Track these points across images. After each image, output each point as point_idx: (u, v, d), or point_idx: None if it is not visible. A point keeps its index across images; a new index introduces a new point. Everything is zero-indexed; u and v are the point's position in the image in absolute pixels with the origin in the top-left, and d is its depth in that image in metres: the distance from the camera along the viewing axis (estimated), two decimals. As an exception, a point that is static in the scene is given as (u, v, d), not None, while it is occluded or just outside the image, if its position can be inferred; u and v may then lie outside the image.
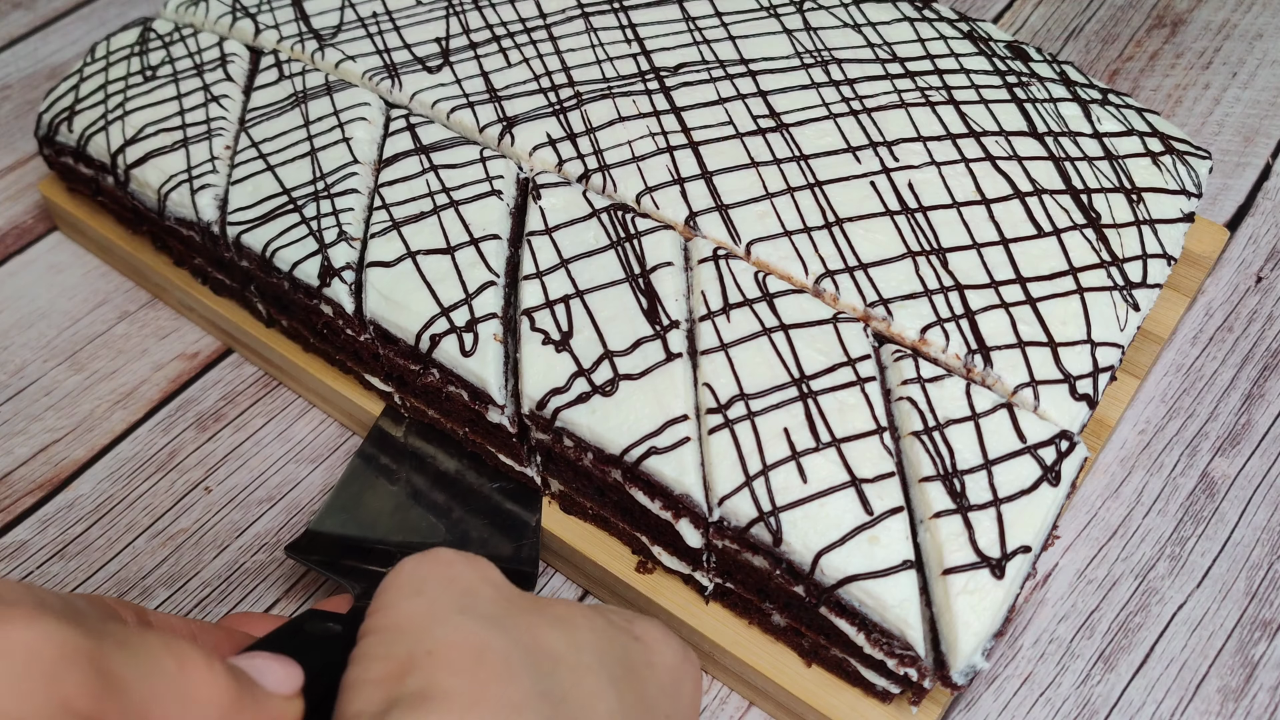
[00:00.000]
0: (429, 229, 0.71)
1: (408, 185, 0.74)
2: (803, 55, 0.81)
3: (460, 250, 0.69)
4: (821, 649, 0.63)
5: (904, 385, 0.63)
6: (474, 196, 0.72)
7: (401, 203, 0.73)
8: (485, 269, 0.68)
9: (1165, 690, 0.67)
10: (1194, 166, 0.75)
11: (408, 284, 0.68)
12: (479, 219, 0.71)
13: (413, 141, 0.76)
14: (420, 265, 0.69)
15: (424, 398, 0.72)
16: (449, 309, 0.67)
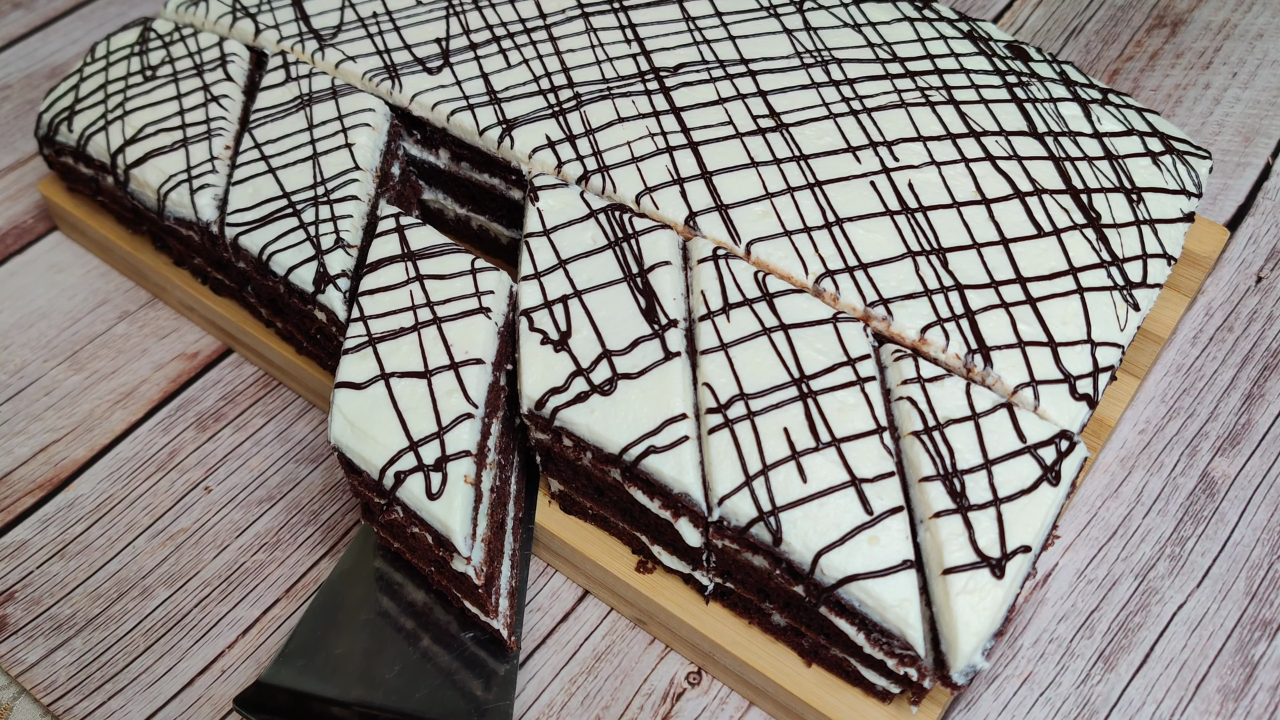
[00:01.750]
0: (407, 347, 0.65)
1: (390, 296, 0.67)
2: (803, 55, 0.81)
3: (438, 375, 0.63)
4: (821, 649, 0.63)
5: (904, 385, 0.63)
6: (460, 314, 0.66)
7: (382, 315, 0.66)
8: (463, 398, 0.62)
9: (1165, 690, 0.67)
10: (1194, 166, 0.75)
11: (378, 412, 0.62)
12: (462, 339, 0.65)
13: (400, 246, 0.70)
14: (393, 389, 0.63)
15: (389, 531, 0.66)
16: (418, 443, 0.61)
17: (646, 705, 0.67)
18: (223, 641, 0.71)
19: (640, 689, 0.68)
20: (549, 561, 0.73)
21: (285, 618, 0.72)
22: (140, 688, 0.70)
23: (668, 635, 0.69)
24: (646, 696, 0.68)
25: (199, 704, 0.69)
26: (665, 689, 0.68)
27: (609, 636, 0.70)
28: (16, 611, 0.73)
